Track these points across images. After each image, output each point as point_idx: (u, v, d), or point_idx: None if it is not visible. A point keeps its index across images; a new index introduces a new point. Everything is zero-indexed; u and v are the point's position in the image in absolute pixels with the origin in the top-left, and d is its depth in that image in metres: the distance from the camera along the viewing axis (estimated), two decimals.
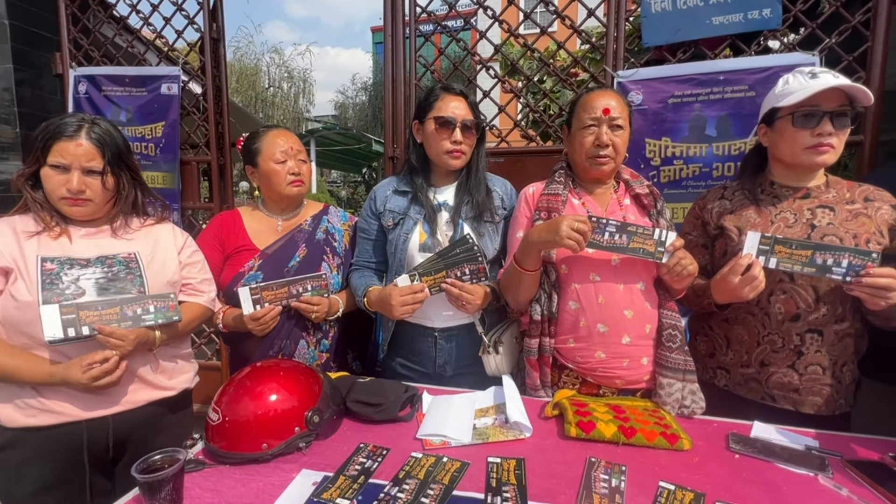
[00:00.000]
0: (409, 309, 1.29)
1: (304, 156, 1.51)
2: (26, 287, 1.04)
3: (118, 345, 1.08)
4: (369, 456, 1.02)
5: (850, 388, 1.25)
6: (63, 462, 1.09)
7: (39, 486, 1.07)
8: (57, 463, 1.08)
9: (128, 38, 2.58)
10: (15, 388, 1.06)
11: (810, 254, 1.10)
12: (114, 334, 1.07)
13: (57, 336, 1.03)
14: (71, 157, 1.09)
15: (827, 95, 1.16)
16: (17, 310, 1.03)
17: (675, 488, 0.90)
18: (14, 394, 1.06)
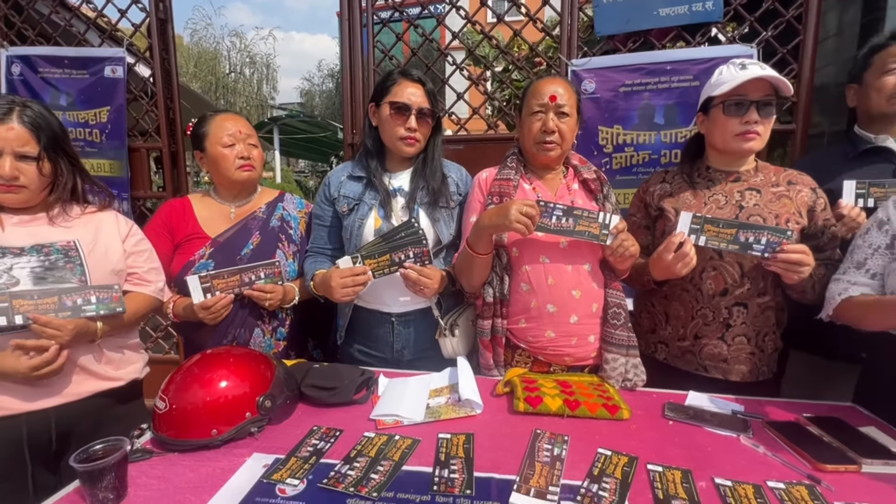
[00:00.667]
0: (349, 291, 1.28)
1: (255, 140, 1.48)
2: None
3: (54, 335, 1.04)
4: (322, 438, 1.03)
5: (772, 357, 1.35)
6: (2, 457, 1.05)
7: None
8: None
9: (65, 16, 2.42)
10: None
11: (735, 232, 1.18)
12: (50, 324, 1.03)
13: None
14: (2, 142, 1.04)
15: (754, 85, 1.23)
16: None
17: (611, 454, 0.96)
18: None
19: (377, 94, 1.44)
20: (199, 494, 0.84)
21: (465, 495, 0.84)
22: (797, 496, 0.83)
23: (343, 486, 0.86)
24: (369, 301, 1.43)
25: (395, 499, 0.83)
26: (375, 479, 0.88)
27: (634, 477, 0.88)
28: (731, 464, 0.93)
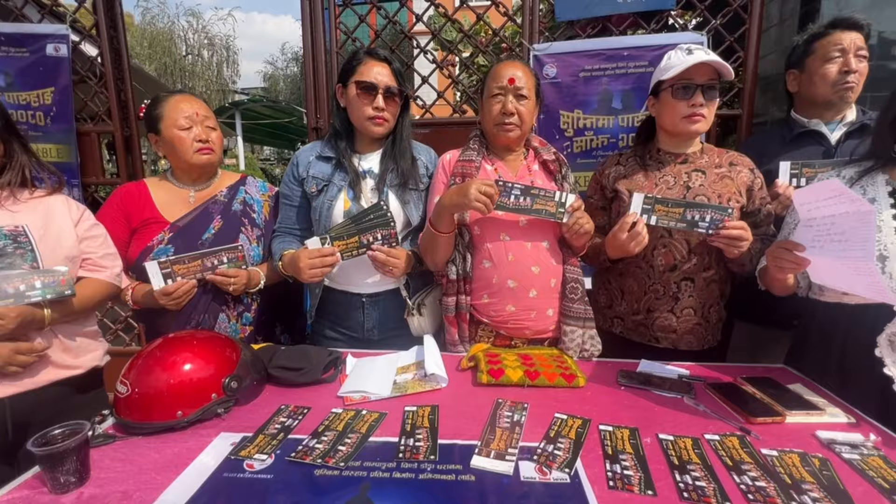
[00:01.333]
0: (317, 272, 1.29)
1: (213, 122, 1.44)
2: None
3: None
4: (290, 415, 1.05)
5: (716, 327, 1.46)
6: None
7: None
8: None
9: None
10: None
11: (682, 211, 1.26)
12: None
13: None
14: None
15: (700, 70, 1.30)
16: None
17: (567, 417, 1.03)
18: None
19: (343, 74, 1.42)
20: (165, 473, 0.85)
21: (429, 460, 0.88)
22: (729, 445, 0.92)
23: (311, 458, 0.88)
24: (340, 282, 1.44)
25: (362, 467, 0.86)
26: (343, 451, 0.91)
27: (587, 437, 0.95)
28: (674, 421, 1.01)
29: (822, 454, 0.89)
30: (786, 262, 1.07)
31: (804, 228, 1.05)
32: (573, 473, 0.84)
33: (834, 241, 0.95)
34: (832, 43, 1.49)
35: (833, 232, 0.96)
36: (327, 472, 0.85)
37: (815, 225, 1.01)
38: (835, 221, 0.95)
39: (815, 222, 1.01)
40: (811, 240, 1.01)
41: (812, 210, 1.01)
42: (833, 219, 0.96)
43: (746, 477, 0.82)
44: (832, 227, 0.96)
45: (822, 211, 0.98)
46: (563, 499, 0.78)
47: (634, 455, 0.89)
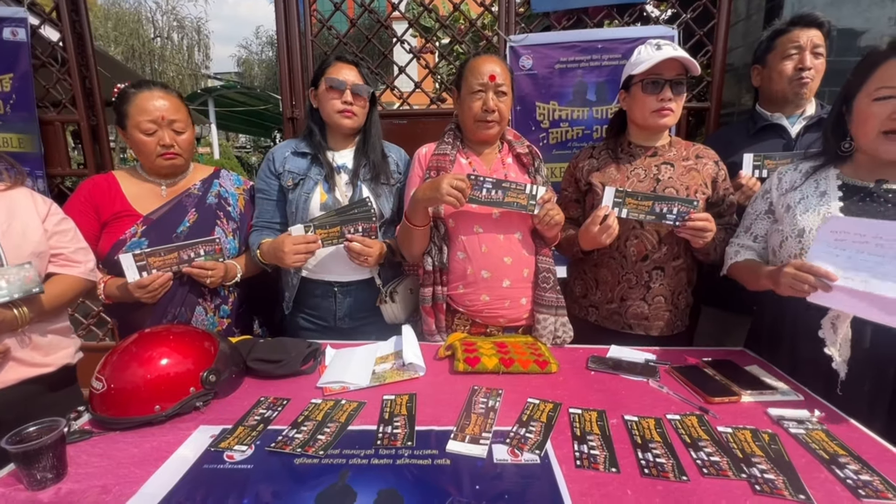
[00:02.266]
0: (301, 258, 1.34)
1: (183, 124, 1.39)
2: None
3: None
4: (269, 407, 1.07)
5: (685, 312, 1.53)
6: None
7: None
8: None
9: None
10: None
11: (651, 204, 1.31)
12: None
13: None
14: None
15: (668, 65, 1.34)
16: None
17: (539, 402, 1.07)
18: None
19: (314, 78, 1.50)
20: (144, 467, 0.86)
21: (406, 446, 0.91)
22: (689, 424, 0.98)
23: (290, 448, 0.90)
24: (315, 271, 1.47)
25: (341, 455, 0.89)
26: (322, 440, 0.93)
27: (557, 420, 1.00)
28: (639, 403, 1.07)
29: (772, 430, 0.95)
30: (806, 286, 1.02)
31: (828, 254, 1.01)
32: (543, 454, 0.88)
33: (888, 281, 0.94)
34: (790, 40, 1.55)
35: (886, 271, 0.94)
36: (307, 461, 0.87)
37: (849, 256, 0.98)
38: (887, 261, 0.94)
39: (850, 254, 0.98)
40: (843, 269, 0.98)
41: (853, 241, 0.99)
42: (888, 258, 0.94)
43: (703, 453, 0.88)
44: (883, 265, 0.94)
45: (870, 246, 0.96)
46: (532, 478, 0.82)
47: (601, 436, 0.94)
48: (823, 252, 1.03)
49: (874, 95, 1.03)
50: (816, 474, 0.82)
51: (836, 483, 0.80)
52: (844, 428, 0.97)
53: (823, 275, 1.00)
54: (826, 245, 1.03)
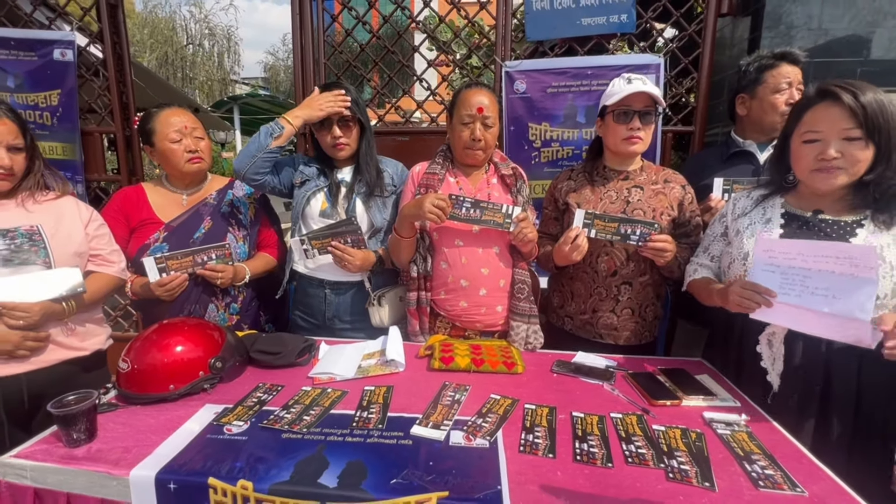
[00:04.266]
0: (331, 104, 1.58)
1: (201, 132, 1.61)
2: None
3: (23, 317, 1.19)
4: (266, 391, 1.24)
5: (652, 324, 1.64)
6: None
7: None
8: None
9: None
10: None
11: (617, 226, 1.44)
12: (17, 308, 1.18)
13: None
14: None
15: (637, 98, 1.47)
16: None
17: (500, 398, 1.21)
18: None
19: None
20: (158, 434, 1.03)
21: (377, 429, 1.06)
22: (628, 422, 1.10)
23: (279, 425, 1.07)
24: (313, 270, 1.66)
25: (321, 433, 1.04)
26: (307, 420, 1.09)
27: (512, 413, 1.14)
28: (590, 403, 1.20)
29: (702, 430, 1.07)
30: (752, 304, 1.13)
31: (765, 273, 1.12)
32: (493, 441, 1.02)
33: (816, 295, 1.05)
34: (782, 75, 1.64)
35: (814, 286, 1.05)
36: (292, 436, 1.03)
37: (783, 273, 1.09)
38: (812, 276, 1.05)
39: (783, 271, 1.09)
40: (779, 286, 1.09)
41: (782, 259, 1.09)
42: (812, 273, 1.05)
43: (633, 446, 1.01)
44: (809, 280, 1.05)
45: (797, 262, 1.07)
46: (479, 459, 0.96)
47: (547, 428, 1.08)
48: (761, 272, 1.14)
49: (803, 138, 1.14)
50: (728, 468, 0.94)
51: (743, 475, 0.92)
52: (768, 431, 1.08)
53: (765, 291, 1.12)
54: (762, 264, 1.14)
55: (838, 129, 1.09)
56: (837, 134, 1.10)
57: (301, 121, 1.58)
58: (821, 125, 1.12)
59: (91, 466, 0.93)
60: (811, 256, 1.07)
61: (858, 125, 1.07)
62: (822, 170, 1.12)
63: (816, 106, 1.12)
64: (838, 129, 1.09)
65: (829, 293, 1.05)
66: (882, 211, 1.11)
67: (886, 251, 1.09)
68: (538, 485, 0.89)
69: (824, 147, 1.11)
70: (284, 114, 1.61)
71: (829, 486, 0.90)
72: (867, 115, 1.06)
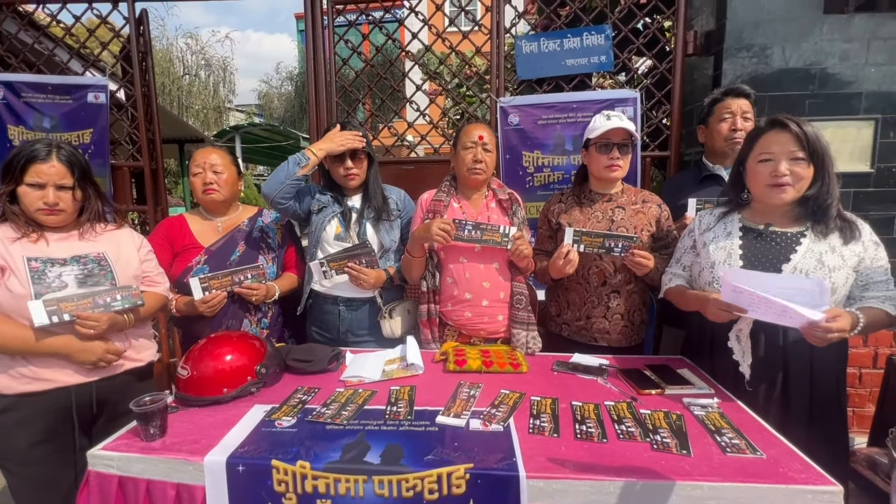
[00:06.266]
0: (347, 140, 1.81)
1: (222, 167, 1.80)
2: (19, 282, 1.29)
3: (94, 325, 1.37)
4: (305, 393, 1.41)
5: (640, 328, 1.84)
6: (54, 421, 1.36)
7: (35, 440, 1.33)
8: (49, 422, 1.35)
9: (48, 45, 2.65)
10: (7, 360, 1.32)
11: (602, 240, 1.66)
12: (90, 317, 1.36)
13: (44, 322, 1.30)
14: (46, 177, 1.36)
15: (616, 132, 1.72)
16: (13, 300, 1.29)
17: (509, 392, 1.40)
18: (8, 365, 1.32)
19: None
20: (220, 429, 1.20)
21: (407, 420, 1.24)
22: (620, 408, 1.30)
23: (323, 419, 1.24)
24: (328, 288, 1.85)
25: (360, 424, 1.22)
26: (345, 414, 1.27)
27: (521, 404, 1.32)
28: (587, 394, 1.39)
29: (681, 412, 1.27)
30: (726, 316, 1.31)
31: (733, 294, 1.25)
32: (506, 426, 1.21)
33: (776, 313, 1.20)
34: (725, 107, 1.93)
35: (774, 307, 1.19)
36: (335, 427, 1.21)
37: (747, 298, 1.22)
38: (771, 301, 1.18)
39: (746, 297, 1.22)
40: (746, 304, 1.24)
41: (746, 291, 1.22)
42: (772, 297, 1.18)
43: (623, 426, 1.20)
44: (771, 302, 1.18)
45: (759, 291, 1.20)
46: (496, 439, 1.15)
47: (551, 415, 1.27)
48: (731, 293, 1.29)
49: (758, 158, 1.38)
50: (702, 440, 1.14)
51: (714, 445, 1.11)
52: (736, 411, 1.28)
53: (736, 310, 1.29)
54: (729, 291, 1.31)
55: (787, 150, 1.33)
56: (787, 155, 1.33)
57: (324, 153, 1.79)
58: (773, 148, 1.35)
59: (169, 455, 1.10)
60: (771, 287, 1.21)
61: (802, 148, 1.31)
62: (775, 185, 1.35)
63: (768, 133, 1.36)
64: (787, 151, 1.33)
65: (787, 312, 1.19)
66: (819, 223, 1.35)
67: (825, 256, 1.32)
68: (546, 457, 1.07)
69: (776, 165, 1.34)
70: (310, 146, 1.83)
71: (783, 450, 1.10)
72: (809, 140, 1.31)
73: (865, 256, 1.34)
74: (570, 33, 2.41)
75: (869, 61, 2.18)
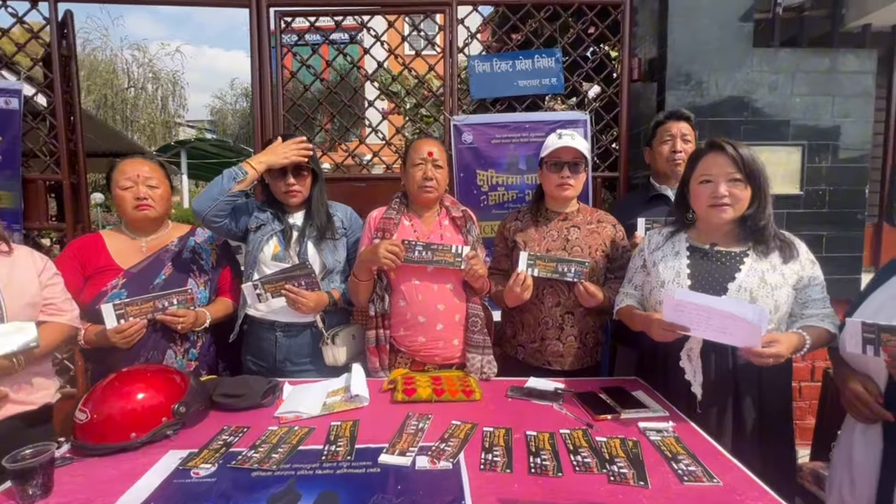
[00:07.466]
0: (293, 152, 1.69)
1: (157, 181, 1.64)
2: None
3: None
4: (231, 434, 1.25)
5: (594, 350, 1.81)
6: None
7: None
8: None
9: None
10: None
11: (555, 265, 1.63)
12: None
13: None
14: None
15: (568, 151, 1.71)
16: None
17: (460, 423, 1.30)
18: None
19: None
20: (121, 483, 1.02)
21: (346, 460, 1.12)
22: (575, 436, 1.23)
23: (248, 465, 1.09)
24: (265, 313, 1.70)
25: (291, 468, 1.08)
26: (275, 457, 1.12)
27: (473, 436, 1.23)
28: (542, 422, 1.32)
29: (637, 438, 1.22)
30: (671, 336, 1.31)
31: (675, 312, 1.26)
32: (456, 462, 1.11)
33: (716, 331, 1.21)
34: (666, 130, 1.99)
35: (715, 326, 1.21)
36: (262, 474, 1.06)
37: (689, 317, 1.24)
38: (712, 320, 1.20)
39: (689, 319, 1.25)
40: (687, 322, 1.25)
41: (688, 311, 1.24)
42: (713, 318, 1.20)
43: (579, 456, 1.13)
44: (712, 321, 1.20)
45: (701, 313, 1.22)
46: (444, 479, 1.04)
47: (504, 447, 1.18)
48: (673, 312, 1.30)
49: (699, 180, 1.40)
50: (659, 468, 1.09)
51: (671, 473, 1.06)
52: (691, 434, 1.25)
53: (679, 329, 1.29)
54: (671, 310, 1.31)
55: (725, 172, 1.36)
56: (725, 176, 1.36)
57: (265, 166, 1.67)
58: (712, 170, 1.38)
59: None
60: (713, 312, 1.22)
61: (739, 170, 1.34)
62: (715, 205, 1.37)
63: (707, 155, 1.39)
64: (725, 173, 1.36)
65: (727, 330, 1.22)
66: (760, 242, 1.37)
67: (767, 275, 1.34)
68: (498, 497, 0.98)
69: (715, 187, 1.36)
70: (248, 159, 1.70)
71: (738, 475, 1.07)
72: (745, 162, 1.34)
73: (804, 275, 1.37)
74: (522, 55, 2.44)
75: (794, 92, 2.34)
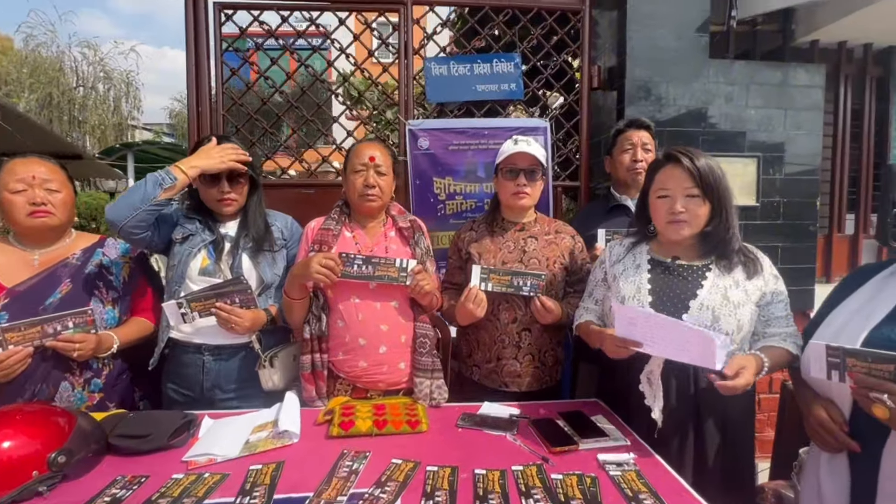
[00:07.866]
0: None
1: (58, 185, 1.42)
2: None
3: None
4: (124, 486, 1.04)
5: (553, 369, 1.70)
6: None
7: None
8: None
9: None
10: None
11: (510, 279, 1.51)
12: None
13: None
14: None
15: (523, 157, 1.60)
16: None
17: (401, 462, 1.15)
18: None
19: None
20: None
21: None
22: (528, 474, 1.10)
23: None
24: (189, 334, 1.49)
25: None
26: None
27: (413, 478, 1.08)
28: (492, 456, 1.18)
29: (596, 473, 1.10)
30: (624, 353, 1.24)
31: (627, 326, 1.20)
32: None
33: (672, 347, 1.15)
34: (626, 139, 1.93)
35: (670, 341, 1.14)
36: None
37: (642, 331, 1.18)
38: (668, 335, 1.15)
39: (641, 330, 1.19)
40: (640, 337, 1.18)
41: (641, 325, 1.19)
42: (668, 332, 1.14)
43: (532, 499, 1.00)
44: (668, 336, 1.15)
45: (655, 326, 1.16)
46: None
47: (448, 490, 1.03)
48: (626, 326, 1.22)
49: (657, 194, 1.32)
50: None
51: None
52: (653, 467, 1.14)
53: (632, 344, 1.20)
54: (623, 324, 1.23)
55: (682, 187, 1.28)
56: (682, 191, 1.28)
57: (198, 171, 1.47)
58: (668, 184, 1.30)
59: None
60: (668, 323, 1.17)
61: (696, 185, 1.26)
62: (673, 222, 1.29)
63: (664, 168, 1.31)
64: (682, 188, 1.28)
65: (683, 347, 1.15)
66: (722, 258, 1.30)
67: (729, 291, 1.27)
68: None
69: (672, 203, 1.29)
70: (177, 163, 1.49)
71: None
72: (701, 175, 1.26)
73: (767, 291, 1.31)
74: (481, 59, 2.34)
75: (749, 104, 2.35)
